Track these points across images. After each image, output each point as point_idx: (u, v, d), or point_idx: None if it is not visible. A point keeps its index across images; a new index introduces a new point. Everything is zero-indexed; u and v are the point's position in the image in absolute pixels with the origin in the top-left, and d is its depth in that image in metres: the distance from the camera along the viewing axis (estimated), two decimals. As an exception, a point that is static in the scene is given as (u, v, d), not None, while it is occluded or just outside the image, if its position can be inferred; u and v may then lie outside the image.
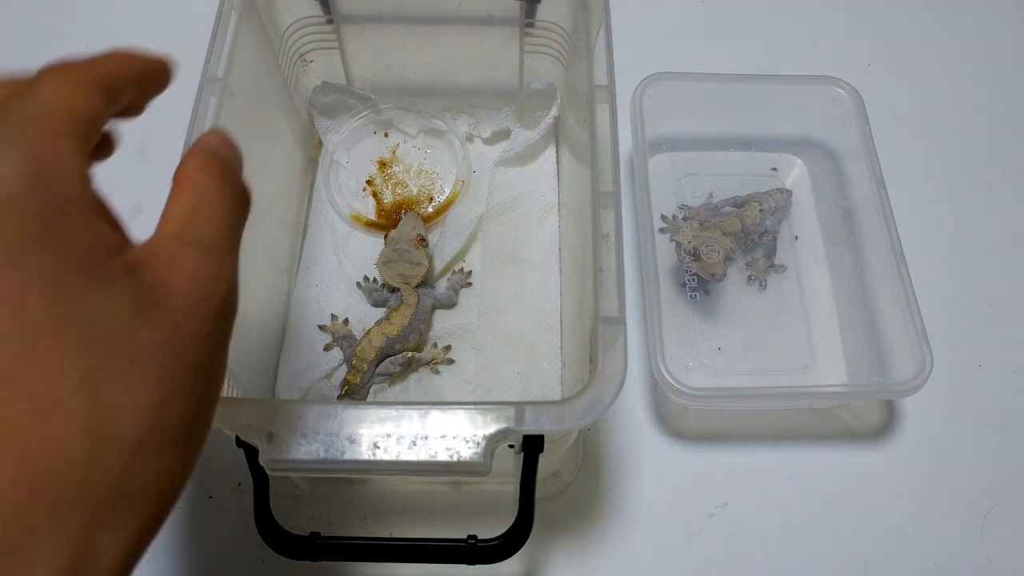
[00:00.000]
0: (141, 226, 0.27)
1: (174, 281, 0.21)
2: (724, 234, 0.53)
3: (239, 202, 0.25)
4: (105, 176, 0.61)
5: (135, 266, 0.21)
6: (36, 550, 0.18)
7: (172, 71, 0.26)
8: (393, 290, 0.50)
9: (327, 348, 0.49)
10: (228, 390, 0.40)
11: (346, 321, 0.50)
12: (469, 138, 0.57)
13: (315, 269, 0.52)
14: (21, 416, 0.18)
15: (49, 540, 0.18)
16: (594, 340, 0.35)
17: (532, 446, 0.35)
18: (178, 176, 0.25)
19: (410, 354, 0.48)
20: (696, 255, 0.52)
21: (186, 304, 0.21)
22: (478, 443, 0.32)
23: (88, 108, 0.22)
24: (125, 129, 0.62)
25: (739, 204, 0.55)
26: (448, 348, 0.50)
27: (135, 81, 0.25)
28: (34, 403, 0.18)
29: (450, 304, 0.51)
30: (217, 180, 0.25)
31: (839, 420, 0.49)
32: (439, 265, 0.52)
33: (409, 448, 0.32)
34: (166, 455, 0.20)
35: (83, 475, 0.19)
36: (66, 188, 0.20)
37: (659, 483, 0.47)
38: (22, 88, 0.23)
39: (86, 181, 0.22)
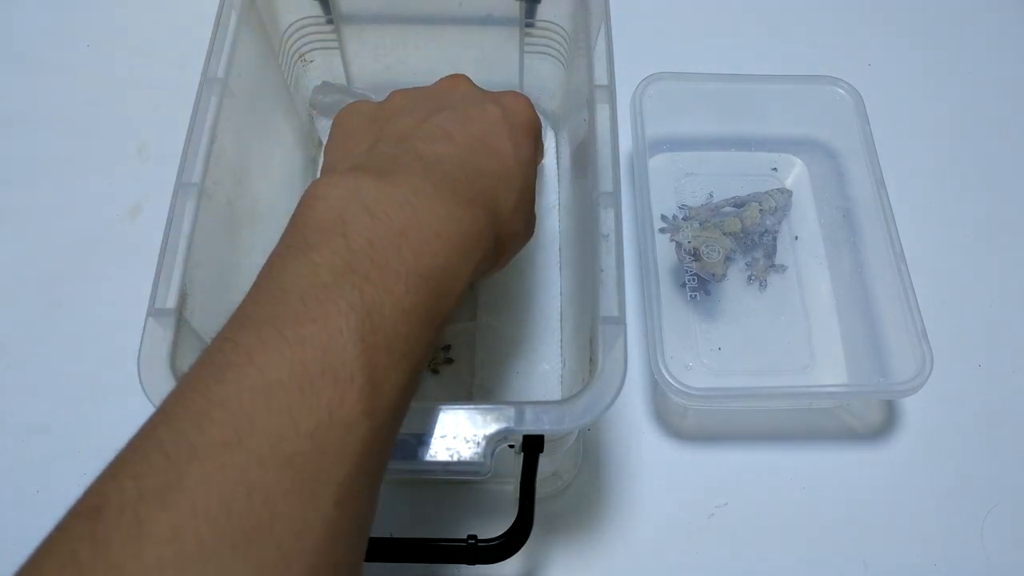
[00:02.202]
0: (141, 225, 0.27)
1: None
2: (724, 234, 0.53)
3: None
4: (105, 176, 0.61)
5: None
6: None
7: None
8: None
9: (327, 348, 0.49)
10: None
11: (346, 321, 0.50)
12: (469, 138, 0.57)
13: (315, 269, 0.52)
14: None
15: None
16: (594, 340, 0.35)
17: (532, 446, 0.35)
18: None
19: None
20: (696, 255, 0.52)
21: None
22: (478, 443, 0.32)
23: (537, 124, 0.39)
24: (125, 129, 0.63)
25: (739, 204, 0.55)
26: (448, 348, 0.50)
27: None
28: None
29: (450, 304, 0.51)
30: None
31: (839, 420, 0.49)
32: (439, 265, 0.52)
33: (409, 448, 0.32)
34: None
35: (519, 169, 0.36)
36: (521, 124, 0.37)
37: (659, 483, 0.47)
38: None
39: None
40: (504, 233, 0.34)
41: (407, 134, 0.34)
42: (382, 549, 0.35)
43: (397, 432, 0.28)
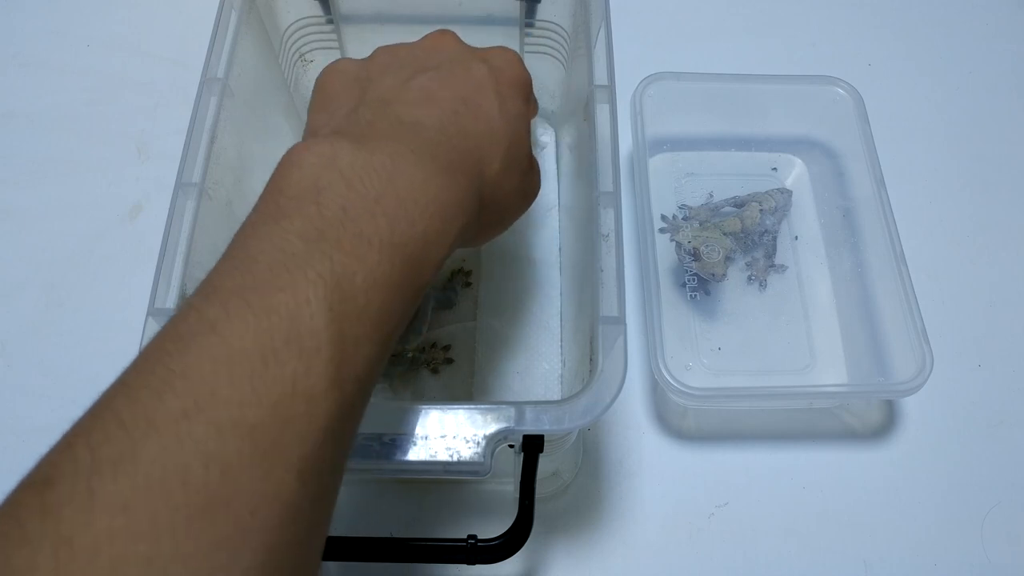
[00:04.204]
0: (141, 225, 0.27)
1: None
2: (724, 234, 0.53)
3: None
4: (105, 175, 0.61)
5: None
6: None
7: None
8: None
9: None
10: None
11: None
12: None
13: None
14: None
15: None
16: (594, 340, 0.35)
17: (532, 446, 0.35)
18: None
19: (410, 354, 0.48)
20: (696, 255, 0.52)
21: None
22: (478, 443, 0.32)
23: (526, 79, 0.38)
24: (125, 129, 0.62)
25: (739, 204, 0.55)
26: (448, 348, 0.50)
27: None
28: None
29: (450, 304, 0.51)
30: None
31: (839, 420, 0.49)
32: (439, 265, 0.52)
33: (409, 448, 0.32)
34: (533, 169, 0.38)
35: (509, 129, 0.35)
36: (508, 80, 0.36)
37: (659, 483, 0.47)
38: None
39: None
40: (491, 197, 0.34)
41: (389, 97, 0.33)
42: (382, 549, 0.35)
43: (365, 406, 0.27)
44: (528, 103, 0.38)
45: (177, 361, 0.23)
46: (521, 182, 0.36)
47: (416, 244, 0.28)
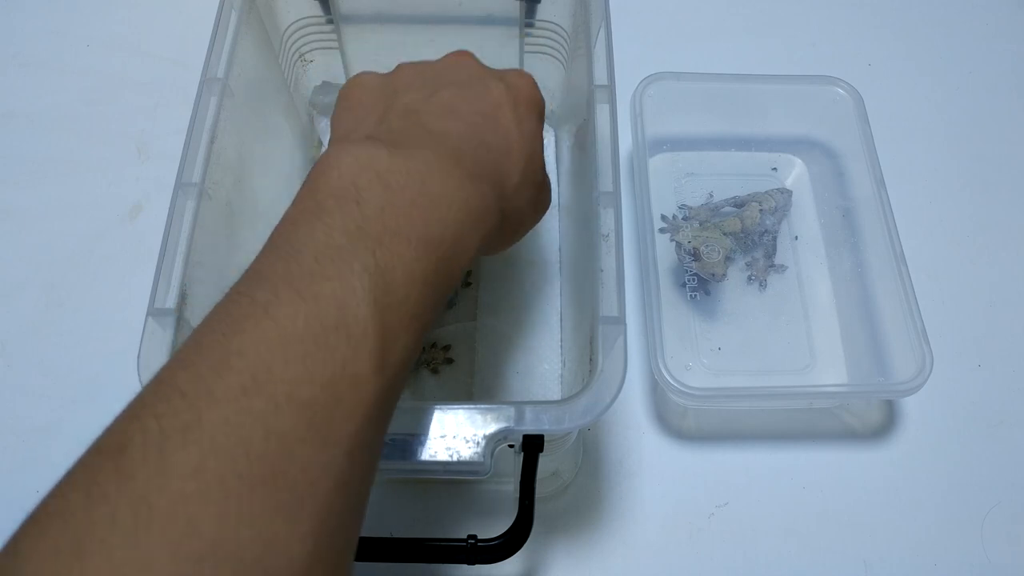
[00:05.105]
0: (141, 225, 0.27)
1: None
2: (724, 234, 0.53)
3: None
4: (105, 175, 0.61)
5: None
6: None
7: None
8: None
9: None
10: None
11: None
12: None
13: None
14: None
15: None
16: (594, 340, 0.35)
17: (532, 446, 0.35)
18: None
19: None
20: (696, 255, 0.52)
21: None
22: (478, 443, 0.32)
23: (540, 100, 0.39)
24: (125, 129, 0.62)
25: (739, 204, 0.55)
26: (448, 348, 0.50)
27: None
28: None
29: (450, 304, 0.51)
30: None
31: (839, 420, 0.49)
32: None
33: (409, 448, 0.32)
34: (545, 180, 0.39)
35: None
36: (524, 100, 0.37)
37: (659, 483, 0.47)
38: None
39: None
40: (509, 208, 0.35)
41: (415, 108, 0.35)
42: (382, 549, 0.35)
43: (399, 394, 0.29)
44: (542, 122, 0.39)
45: (234, 341, 0.24)
46: (536, 196, 0.38)
47: (448, 245, 0.30)
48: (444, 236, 0.30)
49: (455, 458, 0.32)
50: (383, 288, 0.27)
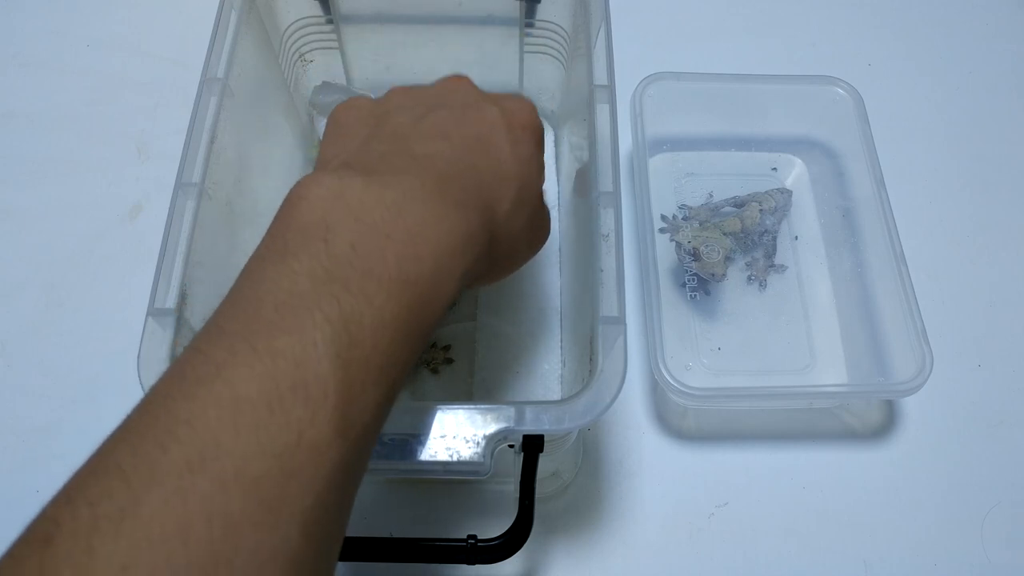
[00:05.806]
0: (141, 225, 0.27)
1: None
2: (724, 234, 0.53)
3: None
4: (105, 175, 0.61)
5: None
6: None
7: None
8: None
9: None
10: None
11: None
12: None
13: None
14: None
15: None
16: (594, 340, 0.35)
17: (532, 446, 0.35)
18: None
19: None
20: (696, 255, 0.52)
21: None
22: (478, 443, 0.32)
23: (538, 126, 0.37)
24: (125, 129, 0.62)
25: (739, 204, 0.55)
26: (448, 348, 0.50)
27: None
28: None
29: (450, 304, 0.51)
30: None
31: (839, 420, 0.49)
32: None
33: (409, 448, 0.32)
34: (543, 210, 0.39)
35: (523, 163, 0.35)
36: (520, 124, 0.36)
37: (659, 483, 0.47)
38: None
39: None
40: (501, 234, 0.33)
41: (402, 132, 0.33)
42: (382, 549, 0.35)
43: (370, 454, 0.27)
44: (540, 148, 0.37)
45: (182, 407, 0.22)
46: (530, 226, 0.36)
47: (425, 281, 0.28)
48: (421, 272, 0.27)
49: (455, 458, 0.32)
50: (347, 340, 0.24)
